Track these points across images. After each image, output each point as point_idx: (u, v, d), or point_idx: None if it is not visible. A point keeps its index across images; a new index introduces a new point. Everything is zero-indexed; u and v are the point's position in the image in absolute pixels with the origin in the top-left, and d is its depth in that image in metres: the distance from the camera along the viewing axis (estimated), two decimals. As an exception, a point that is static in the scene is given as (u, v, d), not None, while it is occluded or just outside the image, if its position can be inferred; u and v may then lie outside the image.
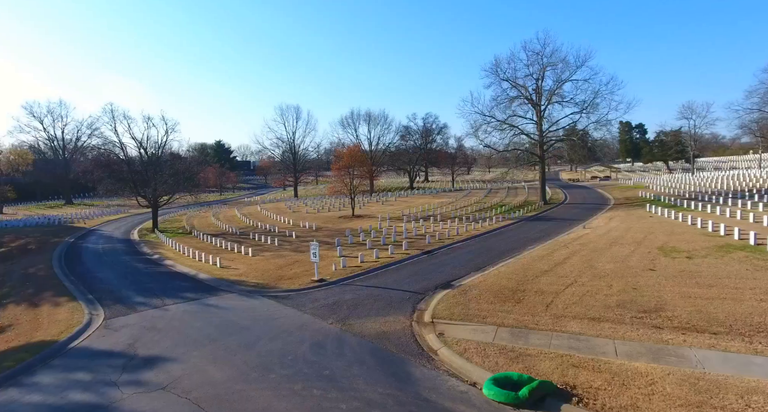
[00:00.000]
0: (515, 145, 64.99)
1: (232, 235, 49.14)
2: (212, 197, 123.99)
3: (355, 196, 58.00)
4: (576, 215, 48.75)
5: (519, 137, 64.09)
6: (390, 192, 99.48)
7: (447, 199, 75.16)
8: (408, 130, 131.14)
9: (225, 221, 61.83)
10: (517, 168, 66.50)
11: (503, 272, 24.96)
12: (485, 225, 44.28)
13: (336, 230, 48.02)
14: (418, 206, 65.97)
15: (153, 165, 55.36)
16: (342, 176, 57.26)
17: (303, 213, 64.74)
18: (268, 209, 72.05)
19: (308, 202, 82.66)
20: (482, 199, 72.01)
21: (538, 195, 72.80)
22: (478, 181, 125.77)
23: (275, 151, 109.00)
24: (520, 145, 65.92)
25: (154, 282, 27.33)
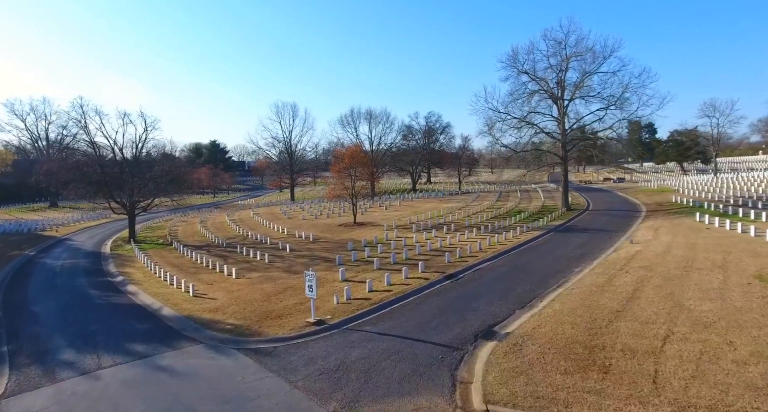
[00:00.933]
0: (534, 145, 58.87)
1: (217, 247, 42.83)
2: (205, 200, 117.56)
3: (357, 201, 51.80)
4: (610, 224, 42.60)
5: (538, 136, 58.02)
6: (392, 195, 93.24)
7: (455, 203, 68.96)
8: (410, 129, 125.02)
9: (213, 228, 55.47)
10: (539, 170, 60.19)
11: (560, 311, 18.78)
12: (509, 237, 38.08)
13: (336, 241, 41.77)
14: (426, 212, 59.75)
15: (130, 167, 48.87)
16: (342, 179, 51.04)
17: (299, 219, 58.44)
18: (261, 215, 65.71)
19: (305, 206, 76.35)
20: (494, 203, 65.83)
21: (555, 199, 66.73)
22: (484, 183, 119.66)
23: (271, 151, 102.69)
24: (539, 145, 59.74)
25: (100, 322, 21.01)
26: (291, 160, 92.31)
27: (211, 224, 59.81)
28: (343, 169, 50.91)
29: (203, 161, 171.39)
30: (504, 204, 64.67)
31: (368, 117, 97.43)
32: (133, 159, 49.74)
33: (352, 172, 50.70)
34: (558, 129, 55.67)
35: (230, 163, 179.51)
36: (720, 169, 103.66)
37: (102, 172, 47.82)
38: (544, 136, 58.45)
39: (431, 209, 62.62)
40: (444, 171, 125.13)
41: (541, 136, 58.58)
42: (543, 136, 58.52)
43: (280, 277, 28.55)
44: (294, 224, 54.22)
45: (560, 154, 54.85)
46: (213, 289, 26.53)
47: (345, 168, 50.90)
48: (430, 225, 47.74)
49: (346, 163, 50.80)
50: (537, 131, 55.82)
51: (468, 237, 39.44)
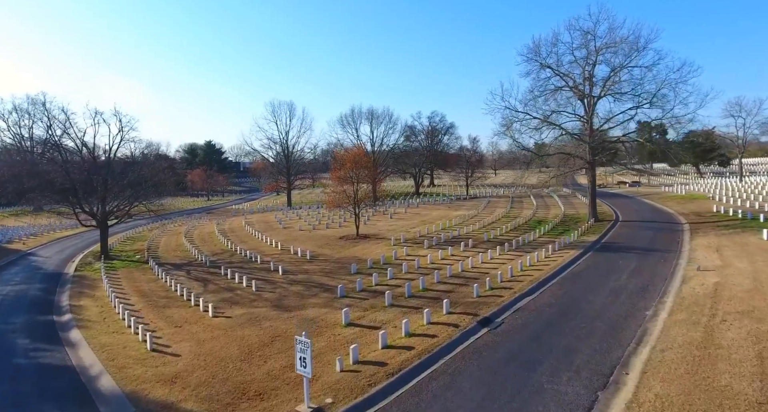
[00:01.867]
0: (558, 148, 52.81)
1: (199, 266, 36.72)
2: (197, 203, 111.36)
3: (360, 210, 45.74)
4: (655, 241, 36.59)
5: (562, 138, 51.97)
6: (395, 199, 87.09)
7: (466, 211, 62.90)
8: (412, 130, 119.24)
9: (198, 240, 49.34)
10: (563, 175, 54.09)
11: (666, 398, 12.78)
12: (541, 258, 32.01)
13: (337, 260, 35.71)
14: (435, 222, 53.68)
15: (100, 171, 42.62)
16: (343, 186, 44.96)
17: (295, 229, 52.32)
18: (254, 224, 59.56)
19: (303, 213, 70.21)
20: (509, 211, 59.76)
21: (575, 207, 60.77)
22: (490, 186, 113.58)
23: (267, 152, 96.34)
24: (562, 147, 53.65)
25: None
26: (288, 163, 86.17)
27: (198, 235, 53.62)
28: (344, 176, 44.84)
29: (198, 162, 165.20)
30: (519, 212, 58.62)
31: (370, 117, 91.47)
32: (106, 163, 43.44)
33: (355, 178, 44.63)
34: (583, 130, 49.64)
35: (226, 165, 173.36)
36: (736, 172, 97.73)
37: (69, 178, 41.58)
38: (567, 137, 52.38)
39: (440, 218, 56.53)
40: (448, 173, 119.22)
41: (565, 138, 52.50)
42: (566, 137, 52.44)
43: (268, 316, 22.47)
44: (289, 236, 48.10)
45: (587, 158, 48.77)
46: (180, 336, 20.44)
47: (346, 175, 44.84)
48: (443, 239, 41.65)
49: (348, 168, 44.72)
50: (562, 133, 49.74)
51: (492, 257, 33.38)
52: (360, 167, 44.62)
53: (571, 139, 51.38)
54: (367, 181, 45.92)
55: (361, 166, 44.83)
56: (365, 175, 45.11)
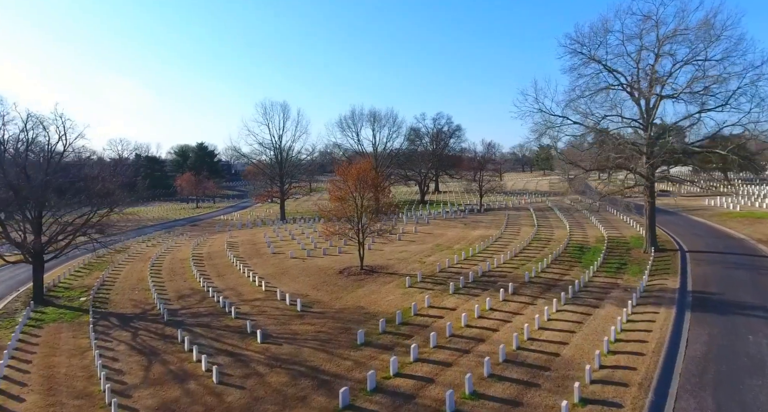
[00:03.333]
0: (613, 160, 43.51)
1: (154, 321, 27.33)
2: (185, 211, 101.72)
3: (365, 238, 36.39)
4: (762, 290, 27.37)
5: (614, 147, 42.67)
6: (400, 210, 77.59)
7: (485, 228, 53.61)
8: (417, 132, 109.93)
9: (167, 273, 39.90)
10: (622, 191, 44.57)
11: None
12: (622, 320, 22.71)
13: (337, 314, 26.45)
14: (453, 245, 44.46)
15: (31, 191, 32.82)
16: (345, 208, 35.62)
17: (286, 256, 42.91)
18: (238, 246, 50.16)
19: (297, 230, 60.80)
20: (537, 231, 50.39)
21: (613, 225, 51.46)
22: (500, 193, 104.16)
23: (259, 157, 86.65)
24: (611, 159, 44.24)
25: None
26: (281, 171, 76.61)
27: (169, 263, 44.10)
28: (346, 195, 35.48)
29: (189, 165, 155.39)
30: (551, 233, 49.31)
31: (372, 119, 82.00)
32: (43, 180, 33.74)
33: (359, 199, 35.27)
34: (637, 138, 40.37)
35: (219, 168, 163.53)
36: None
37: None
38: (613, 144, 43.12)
39: (458, 240, 47.24)
40: (454, 178, 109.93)
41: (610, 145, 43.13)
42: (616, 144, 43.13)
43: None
44: (278, 268, 38.73)
45: (643, 171, 39.35)
46: None
47: (348, 193, 35.47)
48: (471, 277, 32.32)
49: (351, 186, 35.34)
50: (618, 141, 40.25)
51: (549, 316, 24.13)
52: (367, 184, 35.24)
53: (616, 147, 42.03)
54: (373, 200, 36.53)
55: (368, 181, 35.42)
56: (371, 195, 35.72)
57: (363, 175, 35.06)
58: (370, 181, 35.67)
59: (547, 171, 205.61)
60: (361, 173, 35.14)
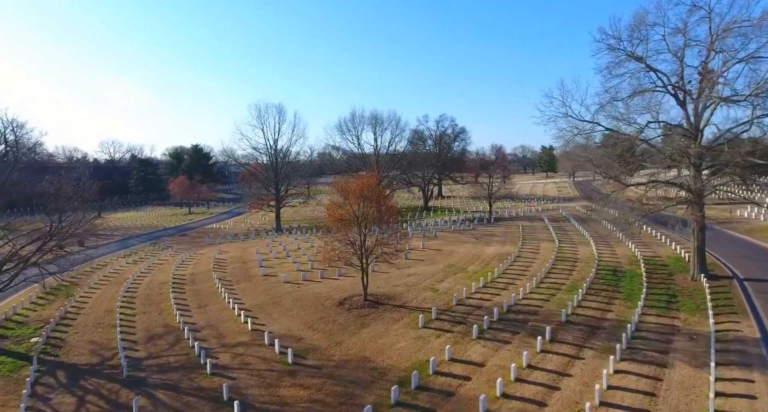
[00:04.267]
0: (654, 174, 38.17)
1: (109, 379, 21.93)
2: (176, 217, 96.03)
3: (369, 263, 31.02)
4: None
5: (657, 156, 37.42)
6: (403, 218, 72.32)
7: (500, 244, 48.34)
8: (419, 135, 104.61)
9: (141, 302, 34.45)
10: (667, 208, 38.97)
11: None
12: (703, 392, 17.44)
13: (336, 367, 21.11)
14: (467, 267, 39.19)
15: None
16: (347, 229, 30.23)
17: (278, 281, 37.52)
18: (226, 265, 44.80)
19: (292, 244, 55.37)
20: (560, 249, 44.99)
21: (644, 241, 46.02)
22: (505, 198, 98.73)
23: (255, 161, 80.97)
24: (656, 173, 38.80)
25: None
26: (276, 178, 71.08)
27: (146, 286, 38.65)
28: (348, 215, 30.10)
29: (184, 168, 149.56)
30: (575, 251, 43.95)
31: (373, 122, 76.68)
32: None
33: (363, 219, 29.90)
34: (682, 146, 35.00)
35: (214, 171, 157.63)
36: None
37: None
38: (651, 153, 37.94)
39: (472, 260, 41.92)
40: (462, 183, 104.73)
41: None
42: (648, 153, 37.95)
43: None
44: (268, 297, 33.35)
45: (690, 186, 33.95)
46: None
47: (350, 212, 30.09)
48: (495, 313, 26.97)
49: (353, 204, 29.98)
50: (670, 154, 34.78)
51: (609, 380, 18.81)
52: (370, 203, 29.84)
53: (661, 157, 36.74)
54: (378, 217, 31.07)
55: (373, 199, 30.00)
56: (375, 214, 30.26)
57: (369, 190, 29.64)
58: (375, 197, 30.22)
59: (550, 173, 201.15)
60: (365, 190, 29.73)
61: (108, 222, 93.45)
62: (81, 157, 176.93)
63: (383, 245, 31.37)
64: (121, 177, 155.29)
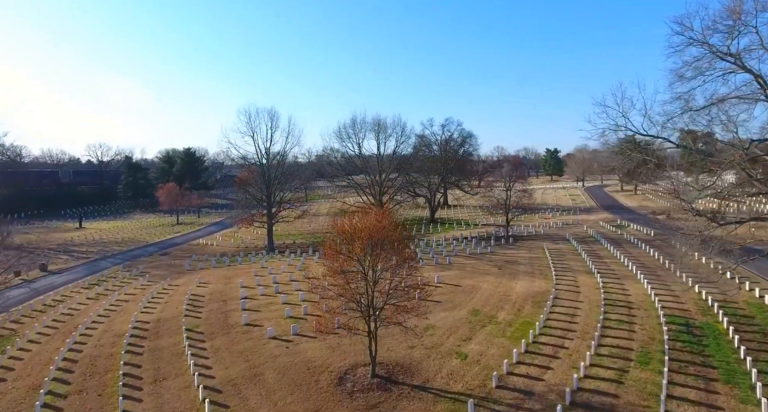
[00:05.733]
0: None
1: None
2: (162, 230, 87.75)
3: (378, 327, 23.11)
4: None
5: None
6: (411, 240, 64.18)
7: (529, 277, 40.44)
8: (424, 140, 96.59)
9: (80, 374, 26.35)
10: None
11: None
12: None
13: None
14: (498, 318, 31.22)
15: None
16: (350, 285, 22.25)
17: (263, 334, 29.53)
18: (204, 306, 36.78)
19: (283, 275, 47.26)
20: (605, 288, 37.05)
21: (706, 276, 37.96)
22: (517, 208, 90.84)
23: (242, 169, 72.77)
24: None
25: None
26: (269, 190, 63.01)
27: (97, 342, 30.51)
28: (352, 266, 22.14)
29: (176, 172, 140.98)
30: (623, 289, 36.00)
31: (376, 128, 68.65)
32: None
33: (371, 272, 21.95)
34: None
35: (203, 177, 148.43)
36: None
37: None
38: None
39: (500, 302, 34.01)
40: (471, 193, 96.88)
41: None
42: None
43: None
44: (247, 365, 25.32)
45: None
46: None
47: (356, 263, 22.13)
48: (557, 409, 19.04)
49: (359, 249, 21.94)
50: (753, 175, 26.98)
51: None
52: (382, 250, 21.84)
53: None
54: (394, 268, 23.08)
55: (385, 248, 21.98)
56: (390, 261, 22.29)
57: (379, 237, 21.58)
58: (390, 242, 22.17)
59: (555, 176, 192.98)
60: (376, 234, 21.67)
61: (87, 234, 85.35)
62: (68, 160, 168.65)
63: (397, 293, 23.29)
64: (110, 181, 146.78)
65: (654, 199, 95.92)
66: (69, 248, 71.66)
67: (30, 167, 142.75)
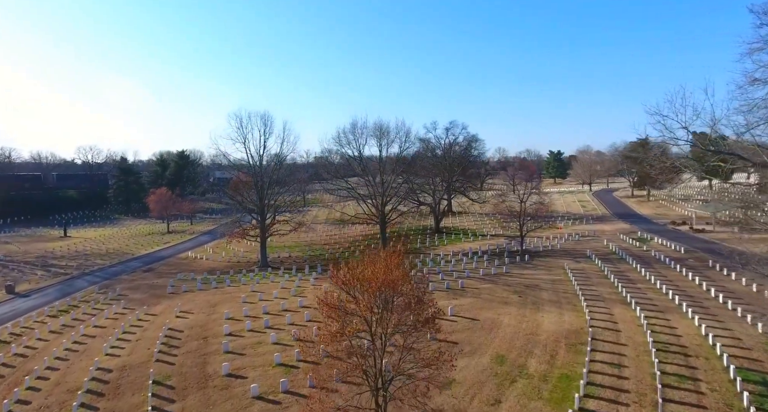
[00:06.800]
0: None
1: None
2: (152, 240, 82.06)
3: (388, 400, 17.73)
4: None
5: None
6: (415, 253, 58.92)
7: (556, 308, 34.99)
8: (427, 144, 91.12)
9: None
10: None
11: None
12: None
13: None
14: (530, 370, 25.76)
15: None
16: (354, 356, 16.79)
17: (245, 392, 24.05)
18: (179, 347, 31.25)
19: (274, 303, 41.74)
20: (649, 324, 31.64)
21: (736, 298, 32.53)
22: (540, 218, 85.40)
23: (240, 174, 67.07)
24: None
25: None
26: (261, 202, 57.45)
27: (42, 402, 24.98)
28: (357, 326, 16.66)
29: (169, 176, 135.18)
30: (669, 326, 30.53)
31: (378, 133, 63.10)
32: None
33: (382, 333, 16.51)
34: None
35: (195, 181, 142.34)
36: None
37: None
38: None
39: (529, 344, 28.54)
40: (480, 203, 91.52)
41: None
42: None
43: None
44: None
45: None
46: None
47: (362, 322, 16.65)
48: None
49: (363, 307, 16.46)
50: None
51: None
52: (400, 307, 16.42)
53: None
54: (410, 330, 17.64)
55: (398, 303, 16.57)
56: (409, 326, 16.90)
57: (391, 293, 16.11)
58: (407, 296, 16.73)
59: (558, 179, 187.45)
60: (386, 286, 16.19)
61: (71, 244, 79.70)
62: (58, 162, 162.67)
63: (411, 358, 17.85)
64: (99, 186, 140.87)
65: (669, 207, 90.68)
66: (48, 262, 66.09)
67: (18, 170, 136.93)
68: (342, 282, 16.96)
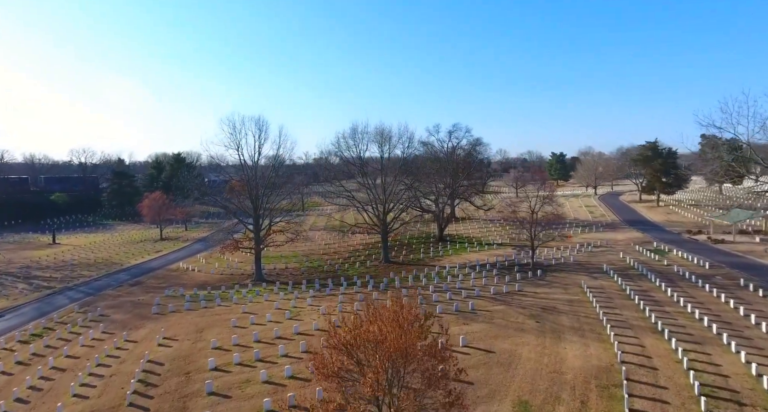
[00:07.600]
0: None
1: None
2: (141, 250, 78.18)
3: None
4: None
5: None
6: (417, 263, 55.26)
7: (578, 337, 31.25)
8: (430, 148, 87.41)
9: None
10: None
11: None
12: None
13: None
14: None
15: None
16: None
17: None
18: (156, 384, 27.45)
19: (266, 331, 37.99)
20: (689, 362, 28.02)
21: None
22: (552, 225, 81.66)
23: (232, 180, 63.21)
24: None
25: None
26: (256, 212, 53.71)
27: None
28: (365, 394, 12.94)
29: (164, 179, 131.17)
30: (713, 363, 26.81)
31: (379, 138, 59.42)
32: None
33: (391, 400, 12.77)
34: None
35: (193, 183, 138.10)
36: None
37: None
38: None
39: (555, 386, 24.78)
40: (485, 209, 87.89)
41: None
42: None
43: None
44: None
45: None
46: None
47: (370, 389, 12.92)
48: None
49: (371, 382, 12.72)
50: None
51: None
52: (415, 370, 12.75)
53: None
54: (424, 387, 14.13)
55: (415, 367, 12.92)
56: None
57: (405, 361, 12.42)
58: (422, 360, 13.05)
59: (561, 181, 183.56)
60: (401, 349, 12.50)
61: (59, 252, 75.92)
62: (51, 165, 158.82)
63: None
64: (93, 189, 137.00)
65: (680, 213, 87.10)
66: (31, 273, 62.36)
67: (9, 172, 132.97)
68: (341, 345, 13.20)
